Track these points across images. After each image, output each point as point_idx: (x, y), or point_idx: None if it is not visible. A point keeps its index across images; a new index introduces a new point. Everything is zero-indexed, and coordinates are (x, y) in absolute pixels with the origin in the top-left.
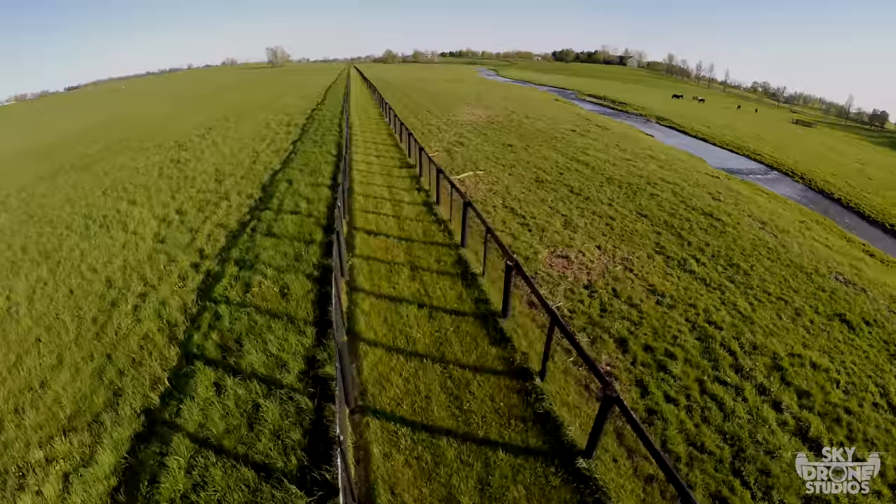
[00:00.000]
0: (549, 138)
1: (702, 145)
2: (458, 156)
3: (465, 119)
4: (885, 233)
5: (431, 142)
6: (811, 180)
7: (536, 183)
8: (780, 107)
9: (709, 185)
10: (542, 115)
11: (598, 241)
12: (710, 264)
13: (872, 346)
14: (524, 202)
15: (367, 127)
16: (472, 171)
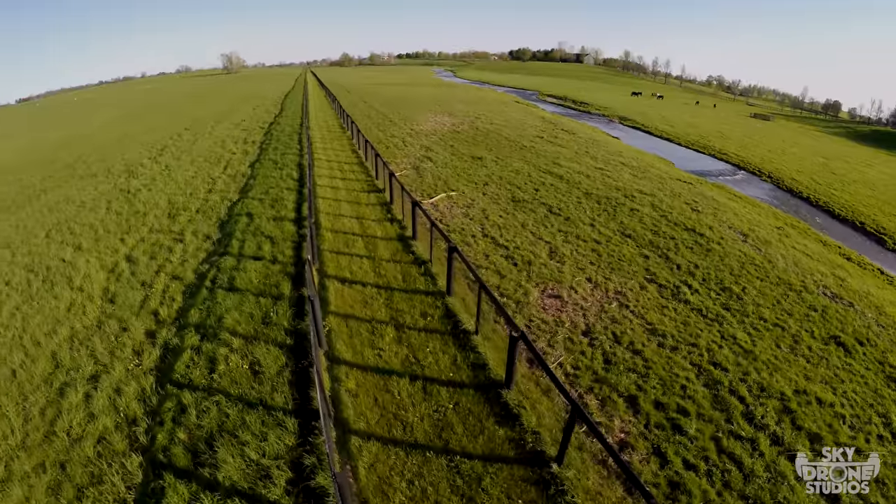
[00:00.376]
0: (517, 147)
1: (668, 146)
2: (426, 173)
3: (429, 128)
4: (856, 231)
5: (397, 157)
6: (779, 179)
7: (513, 203)
8: (736, 100)
9: (684, 194)
10: (506, 121)
11: (588, 272)
12: (702, 290)
13: (869, 368)
14: (504, 228)
15: (328, 142)
16: (445, 193)
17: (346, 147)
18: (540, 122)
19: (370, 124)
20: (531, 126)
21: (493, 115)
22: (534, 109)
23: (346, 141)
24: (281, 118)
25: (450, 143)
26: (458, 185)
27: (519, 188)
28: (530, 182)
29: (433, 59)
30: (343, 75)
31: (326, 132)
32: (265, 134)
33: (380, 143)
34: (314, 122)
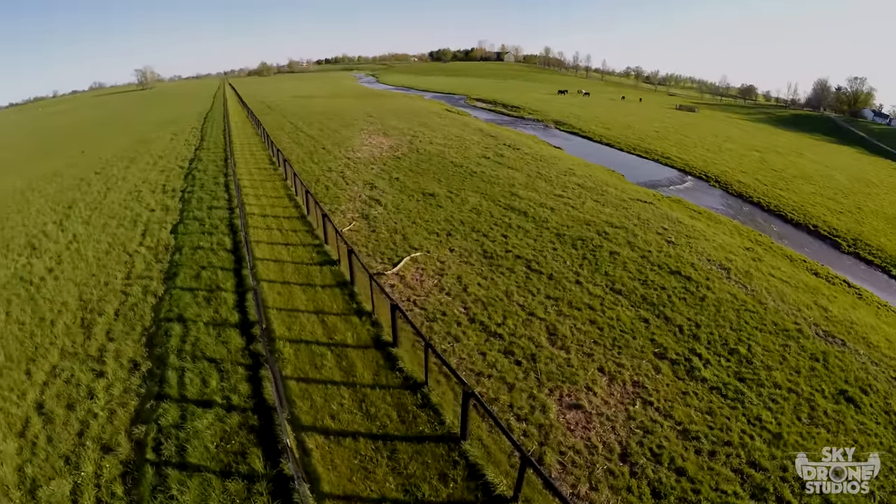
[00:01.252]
0: (467, 174)
1: (610, 153)
2: (379, 223)
3: (367, 155)
4: (811, 235)
5: (341, 200)
6: (726, 183)
7: (486, 260)
8: (657, 91)
9: (652, 221)
10: (445, 139)
11: (597, 358)
12: (713, 360)
13: (878, 422)
14: (489, 304)
15: (259, 185)
16: (409, 255)
17: (280, 191)
18: (479, 136)
19: (302, 154)
20: (472, 143)
21: (429, 131)
22: (468, 120)
23: (280, 182)
24: (202, 151)
25: (394, 174)
26: (419, 239)
27: (486, 235)
28: (495, 225)
29: (353, 64)
30: (263, 87)
31: (255, 169)
32: (186, 176)
33: (318, 183)
34: (240, 155)
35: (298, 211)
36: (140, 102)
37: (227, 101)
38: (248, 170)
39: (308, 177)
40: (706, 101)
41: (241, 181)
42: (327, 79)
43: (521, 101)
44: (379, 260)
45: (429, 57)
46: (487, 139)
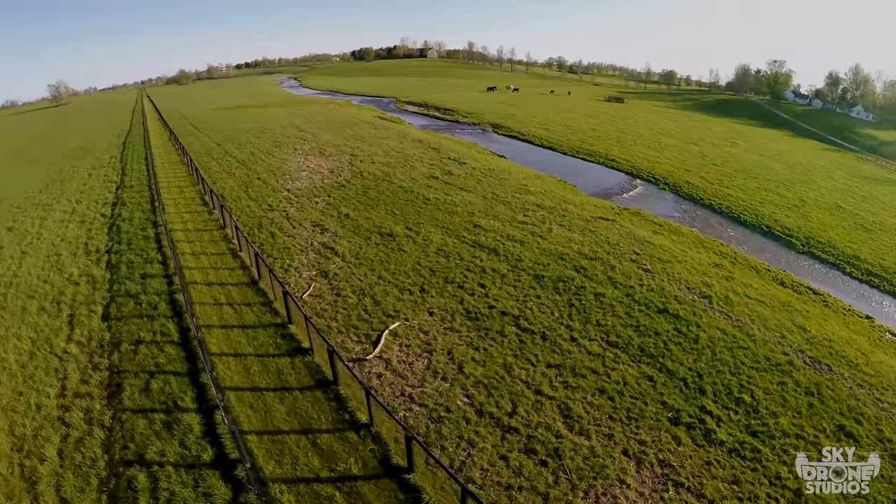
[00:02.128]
0: (420, 202)
1: (554, 158)
2: (342, 282)
3: (307, 184)
4: (765, 236)
5: (291, 250)
6: (675, 185)
7: (473, 325)
8: (582, 80)
9: (622, 245)
10: (387, 155)
11: (618, 439)
12: (724, 416)
13: (879, 455)
14: (492, 386)
15: (197, 239)
16: (387, 329)
17: (221, 245)
18: (421, 149)
19: (236, 186)
20: (416, 159)
21: (367, 146)
22: (405, 129)
23: (218, 231)
24: (125, 191)
25: (342, 208)
26: (391, 301)
27: (462, 287)
28: (467, 271)
29: (274, 67)
30: (183, 98)
31: (187, 213)
32: (111, 229)
33: (261, 228)
34: (167, 194)
35: (247, 274)
36: (55, 123)
37: (147, 119)
38: (179, 214)
39: (248, 219)
40: (631, 88)
41: (173, 232)
42: (249, 85)
43: (452, 102)
44: (354, 336)
45: (351, 56)
46: (430, 153)
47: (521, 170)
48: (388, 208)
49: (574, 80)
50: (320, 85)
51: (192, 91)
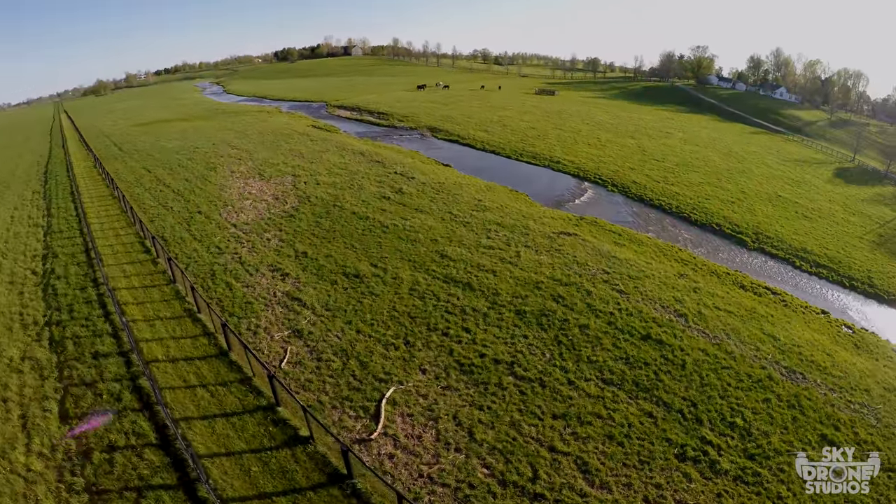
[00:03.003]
0: (378, 230)
1: (499, 162)
2: (320, 342)
3: (252, 216)
4: (716, 234)
5: (256, 308)
6: (623, 186)
7: (469, 379)
8: (508, 72)
9: (588, 262)
10: (330, 172)
11: (638, 488)
12: (723, 444)
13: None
14: (507, 451)
15: (146, 298)
16: (384, 398)
17: (175, 306)
18: (365, 163)
19: (176, 224)
20: (362, 176)
21: (308, 163)
22: (342, 139)
23: (167, 287)
24: (54, 238)
25: (297, 245)
26: (378, 360)
27: (447, 335)
28: (448, 313)
29: (194, 72)
30: (103, 113)
31: (129, 264)
32: (45, 291)
33: (215, 279)
34: (102, 239)
35: (213, 343)
36: None
37: (67, 141)
38: (120, 267)
39: (198, 267)
40: (558, 79)
41: (118, 291)
42: (170, 93)
43: (386, 104)
44: (350, 410)
45: (274, 57)
46: (376, 168)
47: (470, 181)
48: (347, 240)
49: (501, 73)
50: (245, 90)
51: (111, 103)
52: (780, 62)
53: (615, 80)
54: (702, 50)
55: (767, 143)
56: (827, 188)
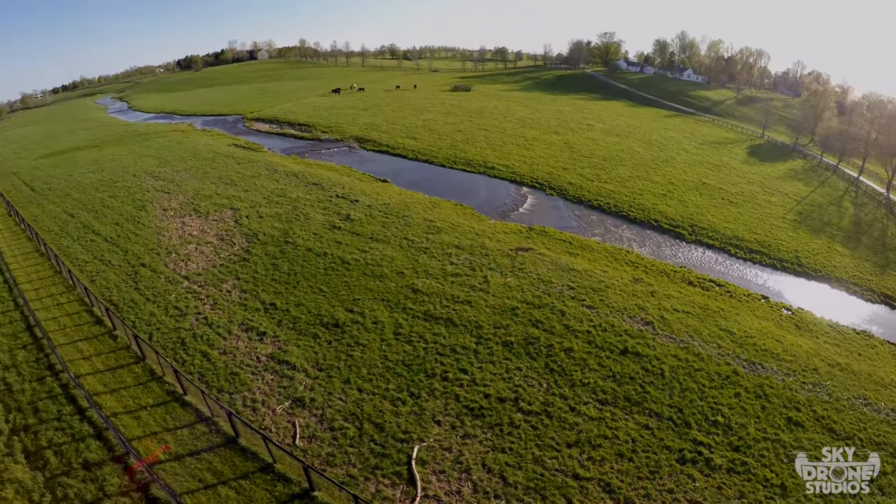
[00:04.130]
0: (340, 267)
1: (436, 173)
2: (325, 408)
3: (203, 264)
4: (654, 230)
5: (244, 379)
6: (561, 189)
7: (483, 422)
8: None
9: (553, 280)
10: (269, 202)
11: (656, 497)
12: (711, 442)
13: (818, 431)
14: (538, 488)
15: (117, 384)
16: (412, 460)
17: (154, 389)
18: (302, 188)
19: (122, 284)
20: (305, 203)
21: (244, 192)
22: (270, 159)
23: (138, 367)
24: None
25: (262, 295)
26: (391, 418)
27: (447, 378)
28: (439, 355)
29: (94, 87)
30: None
31: (82, 340)
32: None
33: (187, 349)
34: (45, 312)
35: (215, 430)
36: None
37: None
38: (75, 347)
39: (163, 336)
40: (469, 71)
41: (83, 379)
42: (73, 114)
43: (304, 114)
44: (383, 479)
45: (177, 66)
46: (315, 191)
47: (414, 199)
48: (312, 283)
49: (412, 69)
50: (153, 105)
51: (9, 129)
52: (685, 45)
53: (526, 69)
54: (609, 36)
55: (682, 126)
56: (744, 169)
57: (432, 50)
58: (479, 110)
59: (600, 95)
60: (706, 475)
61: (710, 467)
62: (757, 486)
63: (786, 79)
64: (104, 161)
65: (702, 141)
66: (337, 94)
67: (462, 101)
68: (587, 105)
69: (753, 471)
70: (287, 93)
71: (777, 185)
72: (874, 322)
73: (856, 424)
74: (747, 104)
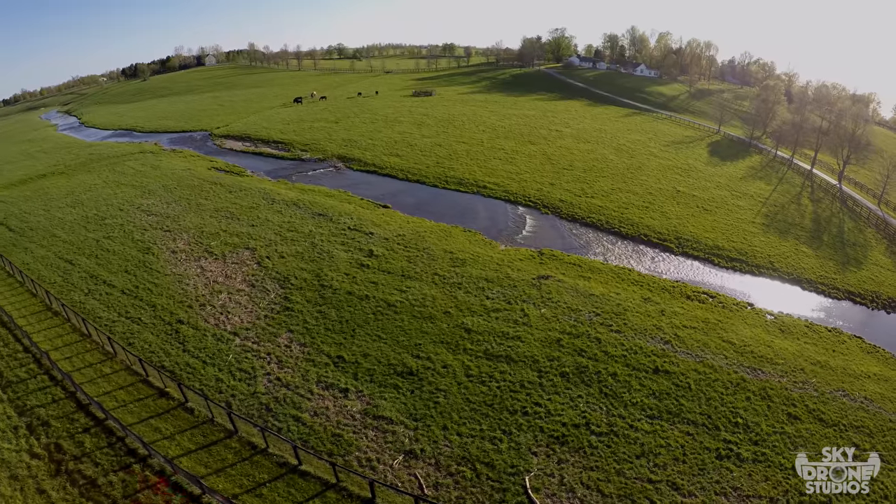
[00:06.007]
0: (390, 312)
1: (429, 194)
2: (436, 456)
3: (246, 316)
4: (644, 244)
5: (345, 437)
6: (554, 207)
7: (567, 448)
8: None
9: (580, 307)
10: (283, 239)
11: (708, 487)
12: (737, 439)
13: (817, 421)
14: (627, 493)
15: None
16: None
17: (262, 462)
18: (311, 221)
19: (167, 346)
20: (322, 239)
21: (253, 228)
22: (262, 185)
23: (232, 441)
24: (28, 397)
25: (324, 347)
26: (494, 457)
27: (527, 413)
28: (512, 392)
29: (37, 100)
30: None
31: (154, 418)
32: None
33: (276, 415)
34: (94, 387)
35: (352, 499)
36: None
37: None
38: (148, 424)
39: (244, 405)
40: (423, 71)
41: (177, 460)
42: (23, 133)
43: (276, 129)
44: None
45: (121, 74)
46: (325, 224)
47: (425, 227)
48: (368, 331)
49: (365, 71)
50: (107, 121)
51: None
52: (635, 39)
53: (480, 67)
54: (560, 32)
55: (643, 125)
56: (710, 171)
57: (380, 48)
58: (448, 119)
59: (558, 95)
60: (738, 466)
61: (740, 459)
62: (776, 469)
63: (732, 68)
64: (79, 192)
65: (665, 142)
66: (300, 104)
67: (428, 108)
68: (549, 107)
69: (771, 458)
70: (245, 103)
71: (742, 187)
72: (841, 318)
73: (839, 413)
74: (700, 98)
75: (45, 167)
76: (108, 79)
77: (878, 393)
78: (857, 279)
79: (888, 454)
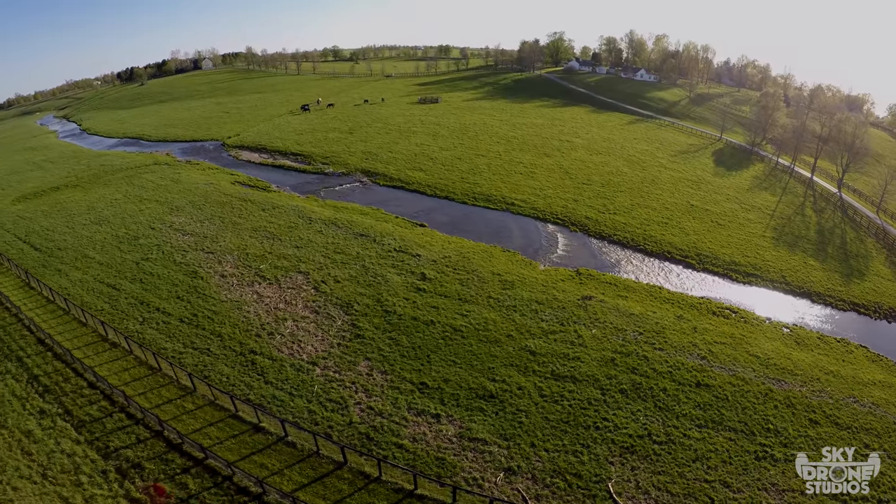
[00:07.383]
0: (458, 338)
1: (460, 211)
2: (530, 471)
3: (319, 345)
4: (668, 261)
5: (448, 459)
6: (582, 225)
7: (636, 457)
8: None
9: (625, 328)
10: (335, 264)
11: (752, 483)
12: (770, 443)
13: (834, 424)
14: (690, 492)
15: None
16: (612, 494)
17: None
18: (354, 241)
19: (243, 375)
20: (371, 261)
21: (296, 250)
22: (294, 203)
23: (346, 472)
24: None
25: (405, 374)
26: (579, 468)
27: (598, 428)
28: (582, 409)
29: (31, 104)
30: None
31: (257, 454)
32: None
33: (375, 442)
34: (179, 424)
35: None
36: None
37: None
38: (252, 462)
39: (343, 434)
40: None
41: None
42: (23, 140)
43: (292, 140)
44: None
45: (117, 78)
46: (371, 246)
47: (465, 246)
48: (441, 356)
49: (364, 75)
50: (110, 128)
51: None
52: (634, 43)
53: (480, 71)
54: (558, 35)
55: (648, 133)
56: (718, 183)
57: (375, 49)
58: (461, 129)
59: (562, 101)
60: (773, 465)
61: (775, 460)
62: None
63: (729, 70)
64: (101, 207)
65: (672, 151)
66: (308, 112)
67: (438, 116)
68: (555, 114)
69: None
70: (252, 110)
71: (750, 199)
72: (848, 329)
73: (851, 418)
74: (700, 103)
75: (57, 179)
76: (104, 82)
77: (883, 398)
78: (860, 290)
79: (894, 451)
